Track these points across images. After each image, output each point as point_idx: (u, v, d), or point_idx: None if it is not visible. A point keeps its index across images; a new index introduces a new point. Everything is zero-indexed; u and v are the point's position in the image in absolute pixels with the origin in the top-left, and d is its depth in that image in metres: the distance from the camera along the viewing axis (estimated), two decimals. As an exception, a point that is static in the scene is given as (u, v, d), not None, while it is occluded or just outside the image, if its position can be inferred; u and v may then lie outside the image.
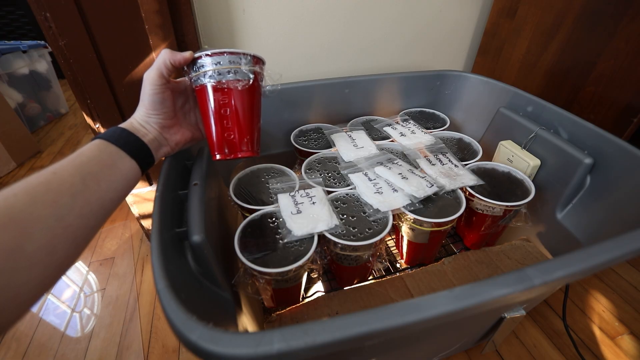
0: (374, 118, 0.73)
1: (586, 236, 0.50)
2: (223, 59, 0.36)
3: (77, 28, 0.51)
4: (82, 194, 0.27)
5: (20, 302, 0.22)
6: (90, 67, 0.55)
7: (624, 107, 0.57)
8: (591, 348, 0.61)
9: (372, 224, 0.46)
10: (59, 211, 0.25)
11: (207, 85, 0.37)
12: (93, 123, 0.61)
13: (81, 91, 0.57)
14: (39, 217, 0.24)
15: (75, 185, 0.27)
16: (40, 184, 0.25)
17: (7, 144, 1.20)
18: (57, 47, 0.52)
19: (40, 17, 0.50)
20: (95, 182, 0.29)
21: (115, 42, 0.55)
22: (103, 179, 0.29)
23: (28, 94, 1.50)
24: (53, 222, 0.24)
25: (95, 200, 0.28)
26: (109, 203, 0.30)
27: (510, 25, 0.76)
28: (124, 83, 0.58)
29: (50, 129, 1.57)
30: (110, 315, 0.70)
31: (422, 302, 0.24)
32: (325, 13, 0.73)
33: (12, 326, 0.22)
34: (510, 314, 0.42)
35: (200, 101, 0.38)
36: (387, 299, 0.49)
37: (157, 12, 0.54)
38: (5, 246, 0.21)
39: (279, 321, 0.47)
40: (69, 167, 0.28)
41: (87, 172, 0.28)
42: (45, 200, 0.25)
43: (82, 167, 0.29)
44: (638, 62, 0.54)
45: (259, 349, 0.21)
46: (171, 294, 0.25)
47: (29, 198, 0.24)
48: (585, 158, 0.49)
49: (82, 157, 0.29)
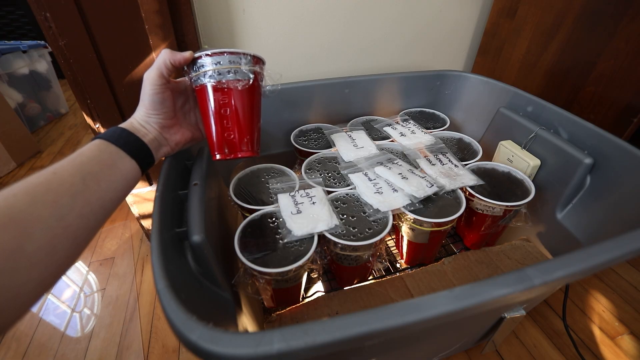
0: (374, 118, 0.73)
1: (586, 236, 0.50)
2: (223, 58, 0.36)
3: (77, 28, 0.51)
4: (82, 194, 0.27)
5: (21, 302, 0.22)
6: (90, 67, 0.55)
7: (624, 107, 0.57)
8: (591, 348, 0.61)
9: (372, 224, 0.46)
10: (59, 211, 0.25)
11: (207, 85, 0.37)
12: (93, 123, 0.61)
13: (81, 91, 0.57)
14: (39, 217, 0.24)
15: (75, 185, 0.27)
16: (41, 184, 0.25)
17: (7, 144, 1.20)
18: (57, 47, 0.52)
19: (40, 17, 0.50)
20: (95, 182, 0.29)
21: (115, 42, 0.55)
22: (103, 179, 0.29)
23: (28, 94, 1.50)
24: (53, 222, 0.24)
25: (95, 200, 0.28)
26: (109, 203, 0.30)
27: (510, 25, 0.76)
28: (124, 83, 0.58)
29: (50, 129, 1.57)
30: (110, 315, 0.70)
31: (422, 302, 0.24)
32: (325, 13, 0.73)
33: (12, 326, 0.22)
34: (510, 314, 0.42)
35: (200, 101, 0.38)
36: (387, 299, 0.49)
37: (157, 12, 0.54)
38: (6, 246, 0.21)
39: (279, 321, 0.47)
40: (69, 167, 0.28)
41: (87, 172, 0.28)
42: (45, 200, 0.25)
43: (82, 167, 0.29)
44: (638, 62, 0.54)
45: (259, 349, 0.21)
46: (171, 294, 0.25)
47: (29, 198, 0.24)
48: (585, 158, 0.49)
49: (82, 157, 0.29)
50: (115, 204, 0.31)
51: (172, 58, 0.35)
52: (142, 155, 0.34)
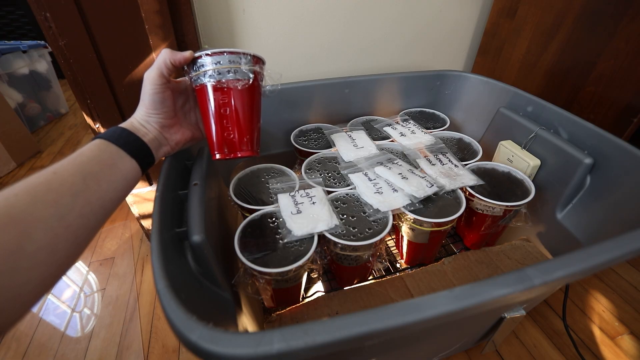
0: (374, 118, 0.73)
1: (586, 236, 0.50)
2: (223, 58, 0.36)
3: (77, 28, 0.51)
4: (82, 194, 0.27)
5: (22, 303, 0.22)
6: (90, 67, 0.55)
7: (624, 107, 0.57)
8: (591, 348, 0.61)
9: (372, 224, 0.46)
10: (60, 211, 0.25)
11: (207, 84, 0.37)
12: (93, 123, 0.61)
13: (81, 91, 0.57)
14: (40, 217, 0.24)
15: (76, 184, 0.27)
16: (41, 184, 0.25)
17: (7, 144, 1.21)
18: (57, 47, 0.52)
19: (40, 17, 0.50)
20: (95, 182, 0.29)
21: (115, 42, 0.55)
22: (103, 178, 0.29)
23: (28, 94, 1.50)
24: (54, 222, 0.24)
25: (95, 200, 0.28)
26: (110, 203, 0.30)
27: (510, 25, 0.76)
28: (124, 83, 0.58)
29: (50, 129, 1.57)
30: (110, 315, 0.70)
31: (422, 302, 0.24)
32: (325, 13, 0.73)
33: (13, 326, 0.22)
34: (510, 314, 0.42)
35: (200, 101, 0.38)
36: (387, 299, 0.49)
37: (157, 12, 0.54)
38: (6, 246, 0.21)
39: (279, 321, 0.47)
40: (69, 167, 0.28)
41: (87, 172, 0.28)
42: (46, 200, 0.25)
43: (82, 166, 0.29)
44: (638, 62, 0.54)
45: (259, 349, 0.21)
46: (171, 294, 0.25)
47: (29, 198, 0.24)
48: (585, 158, 0.49)
49: (83, 157, 0.29)
50: (116, 203, 0.31)
51: (172, 58, 0.35)
52: (142, 155, 0.34)
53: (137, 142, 0.34)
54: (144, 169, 0.35)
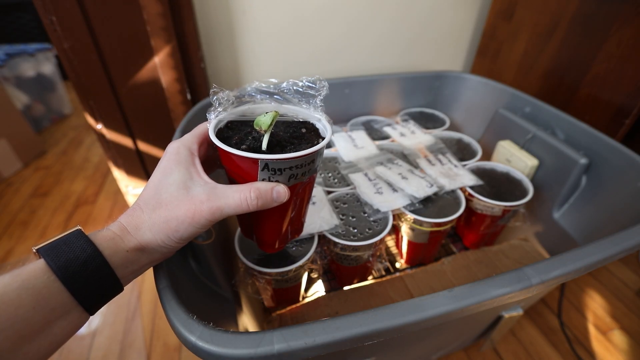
0: (374, 118, 0.73)
1: (582, 235, 0.51)
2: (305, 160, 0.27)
3: (82, 31, 0.52)
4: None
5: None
6: (93, 69, 0.55)
7: (617, 108, 0.58)
8: (584, 344, 0.62)
9: (372, 224, 0.46)
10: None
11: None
12: (95, 124, 0.62)
13: (84, 92, 0.57)
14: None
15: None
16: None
17: (14, 144, 1.22)
18: (61, 50, 0.53)
19: (47, 20, 0.51)
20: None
21: (118, 45, 0.55)
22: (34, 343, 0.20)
23: (34, 95, 1.51)
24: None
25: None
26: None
27: (508, 27, 0.76)
28: (126, 85, 0.59)
29: (54, 129, 1.58)
30: (113, 314, 0.71)
31: (422, 302, 0.24)
32: (324, 14, 0.73)
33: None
34: (508, 312, 0.43)
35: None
36: (387, 299, 0.49)
37: (159, 14, 0.55)
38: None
39: (279, 321, 0.47)
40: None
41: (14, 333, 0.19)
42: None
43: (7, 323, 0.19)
44: (629, 66, 0.54)
45: (259, 349, 0.21)
46: (172, 293, 0.25)
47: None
48: (581, 158, 0.50)
49: (10, 306, 0.19)
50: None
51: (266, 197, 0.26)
52: (102, 296, 0.23)
53: (103, 281, 0.22)
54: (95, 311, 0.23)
